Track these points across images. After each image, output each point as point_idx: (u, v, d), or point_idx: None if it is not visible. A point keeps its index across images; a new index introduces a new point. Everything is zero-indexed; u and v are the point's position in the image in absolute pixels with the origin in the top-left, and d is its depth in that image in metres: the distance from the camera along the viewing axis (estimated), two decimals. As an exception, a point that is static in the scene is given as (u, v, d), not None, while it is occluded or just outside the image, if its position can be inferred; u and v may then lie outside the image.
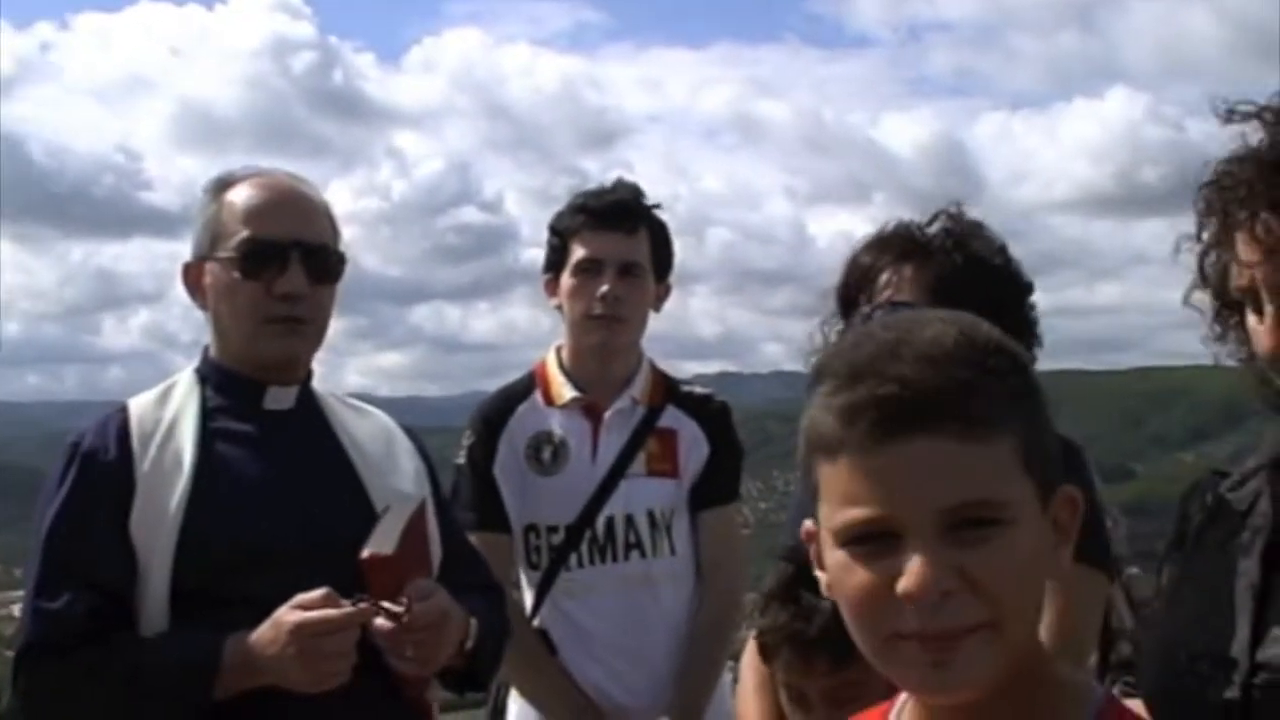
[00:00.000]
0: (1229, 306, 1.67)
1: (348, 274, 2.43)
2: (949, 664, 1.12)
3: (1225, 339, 1.71)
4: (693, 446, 3.15)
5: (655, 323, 3.25)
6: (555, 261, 3.21)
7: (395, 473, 2.45)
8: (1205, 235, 1.66)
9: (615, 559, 3.09)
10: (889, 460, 1.13)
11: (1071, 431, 2.36)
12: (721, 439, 3.18)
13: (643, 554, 3.09)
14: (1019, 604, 1.14)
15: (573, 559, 3.10)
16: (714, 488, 3.17)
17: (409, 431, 2.59)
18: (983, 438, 1.13)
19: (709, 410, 3.18)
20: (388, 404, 2.73)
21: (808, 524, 1.23)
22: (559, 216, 3.22)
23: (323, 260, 2.37)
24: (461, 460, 3.18)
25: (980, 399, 1.14)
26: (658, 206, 3.22)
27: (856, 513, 1.14)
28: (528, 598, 3.16)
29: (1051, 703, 1.19)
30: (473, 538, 2.91)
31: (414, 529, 2.28)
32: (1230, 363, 1.72)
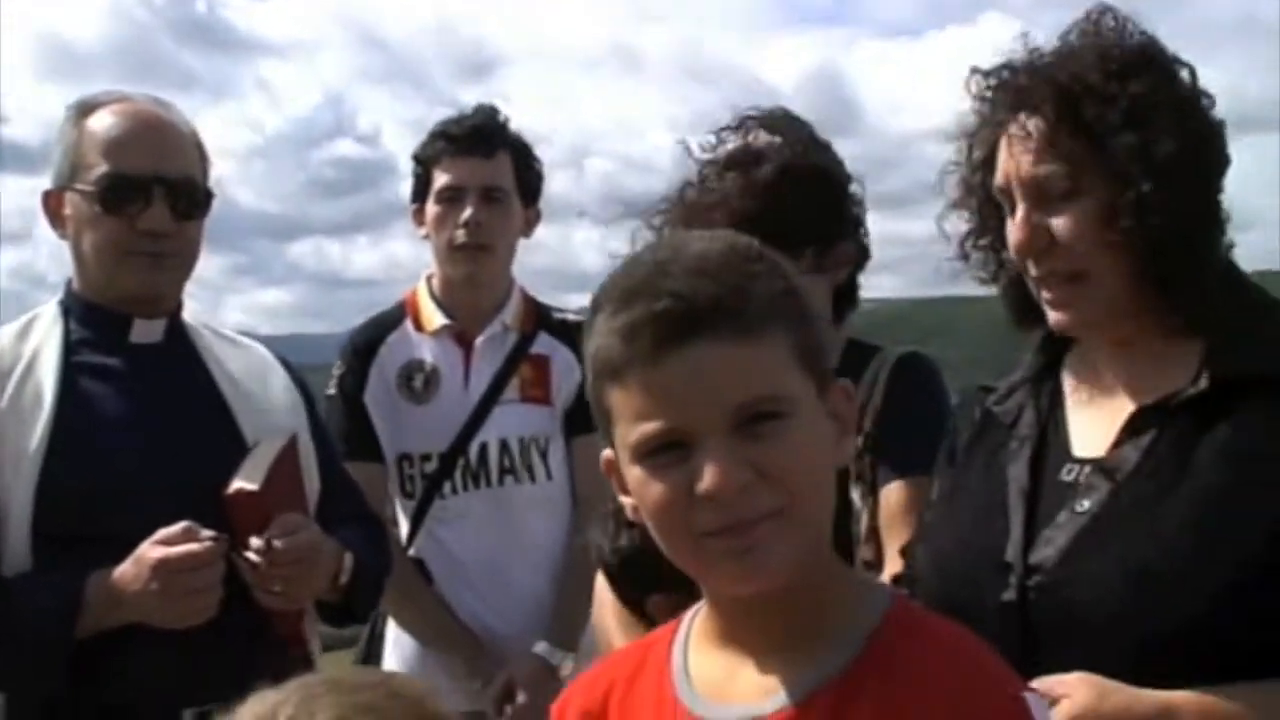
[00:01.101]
0: (985, 225, 1.74)
1: (223, 210, 2.38)
2: (752, 551, 1.18)
3: (971, 259, 1.80)
4: (566, 372, 3.15)
5: (537, 256, 3.25)
6: (420, 190, 3.19)
7: (270, 406, 2.42)
8: (975, 150, 1.74)
9: (489, 485, 3.09)
10: (672, 370, 1.17)
11: (952, 355, 2.42)
12: None
13: (517, 480, 3.10)
14: (808, 490, 1.20)
15: (447, 487, 3.10)
16: (588, 414, 3.18)
17: (286, 364, 2.55)
18: (757, 337, 1.19)
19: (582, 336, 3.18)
20: (270, 342, 2.67)
21: (605, 454, 1.26)
22: (421, 145, 3.20)
23: (188, 196, 2.31)
24: (332, 390, 3.15)
25: (751, 302, 1.19)
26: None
27: (649, 426, 1.19)
28: (403, 527, 3.16)
29: (842, 599, 1.24)
30: (347, 468, 2.91)
31: (284, 464, 2.25)
32: (981, 285, 1.81)
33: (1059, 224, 1.64)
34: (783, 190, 2.21)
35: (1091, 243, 1.63)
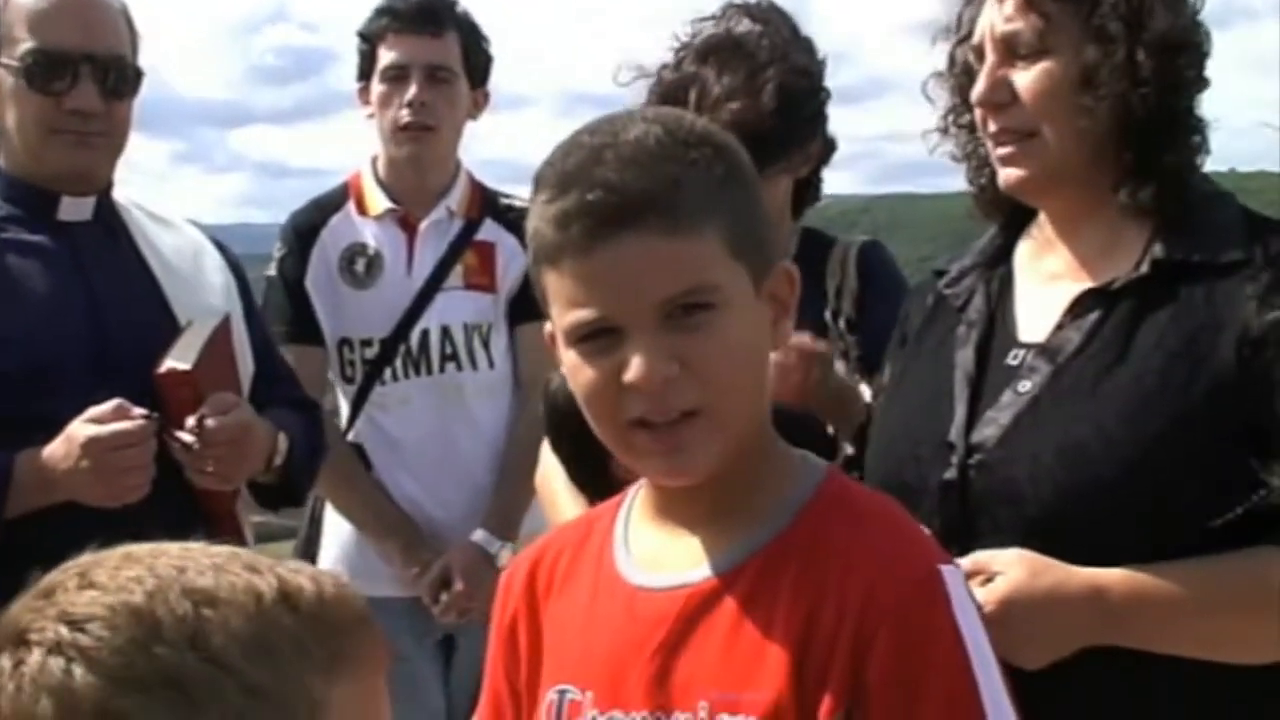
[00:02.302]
0: (967, 101, 1.74)
1: (162, 95, 2.32)
2: (678, 449, 1.22)
3: (949, 133, 1.81)
4: (511, 260, 3.11)
5: (488, 148, 3.22)
6: (365, 68, 3.12)
7: (202, 287, 2.38)
8: (964, 23, 1.75)
9: (431, 372, 3.07)
10: (602, 261, 1.19)
11: (904, 253, 2.43)
12: None
13: (459, 367, 3.07)
14: (736, 382, 1.23)
15: (387, 373, 3.07)
16: (532, 301, 3.14)
17: (219, 245, 2.50)
18: (689, 230, 1.19)
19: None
20: (215, 231, 2.64)
21: (547, 327, 1.28)
22: (367, 21, 3.12)
23: (118, 74, 2.24)
24: (272, 272, 3.11)
25: (684, 193, 1.20)
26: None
27: (580, 314, 1.21)
28: (342, 412, 3.13)
29: (776, 476, 1.28)
30: (285, 351, 2.86)
31: (216, 344, 2.22)
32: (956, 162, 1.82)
33: (1021, 80, 1.65)
34: (767, 96, 2.19)
35: (1051, 102, 1.63)
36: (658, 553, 1.29)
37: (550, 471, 2.26)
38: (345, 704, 0.89)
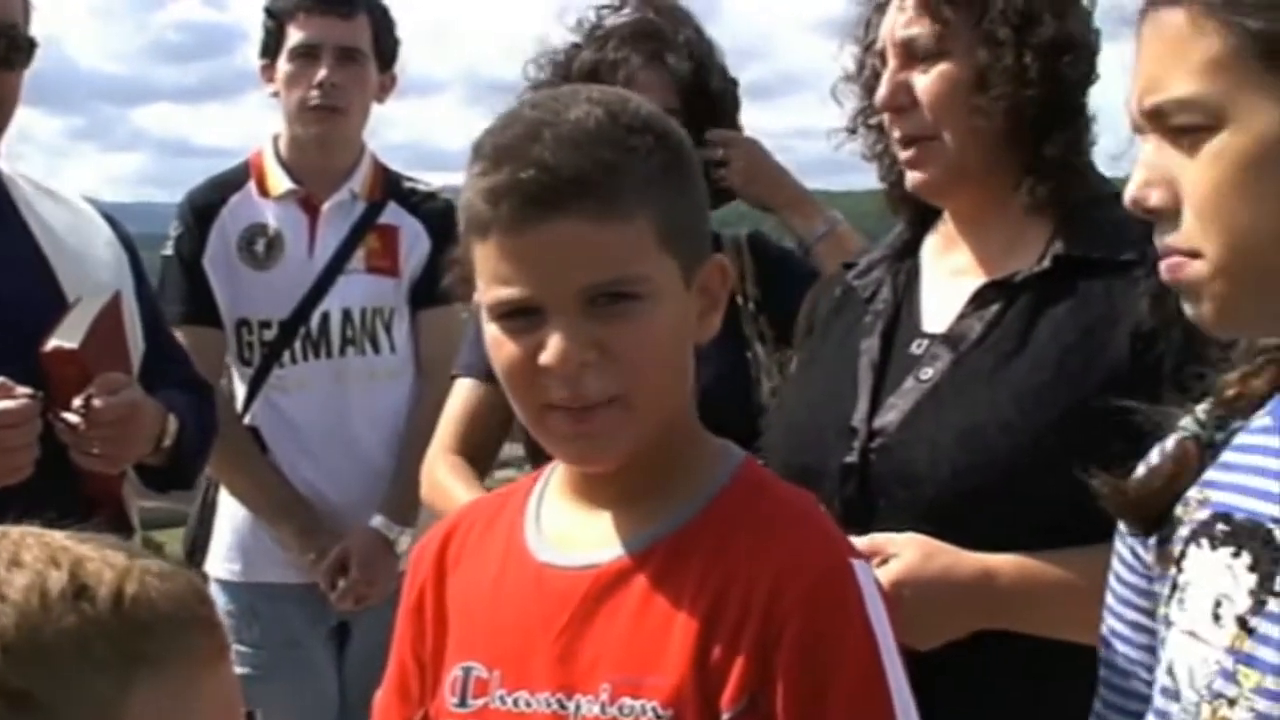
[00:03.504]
0: (873, 104, 1.78)
1: (59, 69, 2.26)
2: (590, 435, 1.21)
3: (858, 133, 1.85)
4: (414, 244, 3.09)
5: (396, 133, 3.16)
6: (271, 46, 3.07)
7: (92, 262, 2.31)
8: (870, 26, 1.79)
9: (331, 355, 3.03)
10: (530, 242, 1.18)
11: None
12: (444, 237, 3.13)
13: (360, 351, 3.04)
14: (655, 374, 1.22)
15: (286, 355, 3.02)
16: (435, 286, 3.13)
17: (110, 220, 2.44)
18: (621, 218, 1.18)
19: (432, 207, 3.11)
20: (115, 210, 2.58)
21: (475, 297, 1.26)
22: None
23: (7, 42, 2.17)
24: (169, 251, 3.05)
25: (619, 180, 1.18)
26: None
27: (504, 292, 1.20)
28: (239, 394, 3.08)
29: (692, 461, 1.28)
30: (181, 332, 2.82)
31: (105, 323, 2.17)
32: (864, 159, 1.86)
33: (920, 83, 1.69)
34: (691, 83, 2.23)
35: (948, 105, 1.67)
36: (569, 532, 1.29)
37: (434, 460, 2.25)
38: (148, 706, 0.83)
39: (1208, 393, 1.21)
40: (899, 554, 1.54)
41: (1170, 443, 1.22)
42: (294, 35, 3.02)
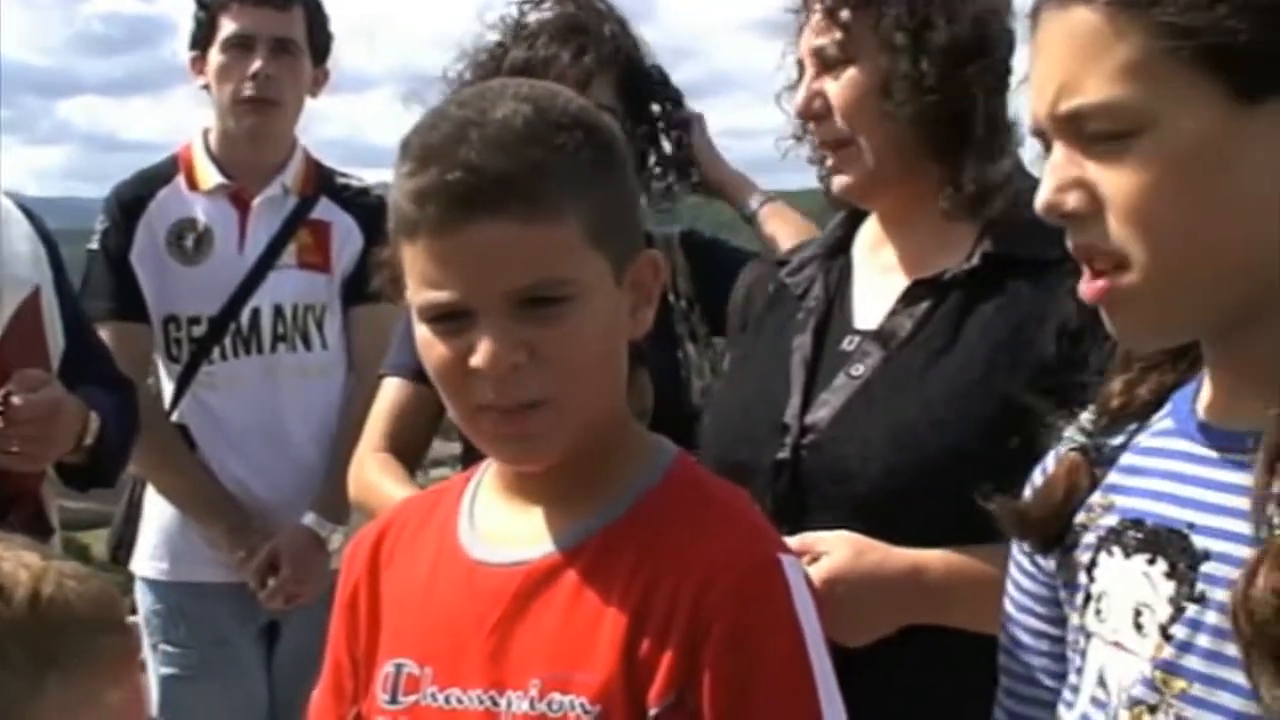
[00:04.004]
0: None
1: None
2: (522, 436, 1.21)
3: (803, 140, 1.86)
4: (346, 240, 3.06)
5: (329, 128, 3.14)
6: (202, 37, 3.03)
7: (8, 257, 2.27)
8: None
9: (261, 352, 3.00)
10: (457, 244, 1.17)
11: (751, 247, 2.44)
12: (377, 233, 3.10)
13: (291, 348, 3.01)
14: (586, 374, 1.21)
15: (215, 352, 2.99)
16: (367, 283, 3.10)
17: (28, 213, 2.40)
18: (549, 219, 1.17)
19: (365, 203, 3.09)
20: (40, 204, 2.54)
21: (407, 295, 1.25)
22: None
23: None
24: (95, 246, 3.00)
25: (546, 179, 1.17)
26: None
27: (432, 295, 1.19)
28: (167, 392, 3.04)
29: (625, 458, 1.28)
30: (107, 328, 2.78)
31: (23, 318, 2.14)
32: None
33: (832, 90, 1.72)
34: (623, 77, 2.23)
35: (856, 111, 1.70)
36: (502, 529, 1.28)
37: (363, 458, 2.23)
38: (60, 707, 0.83)
39: (1088, 401, 1.22)
40: (829, 552, 1.55)
41: (1055, 457, 1.22)
42: (227, 26, 2.98)
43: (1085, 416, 1.21)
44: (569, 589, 1.22)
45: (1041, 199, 1.05)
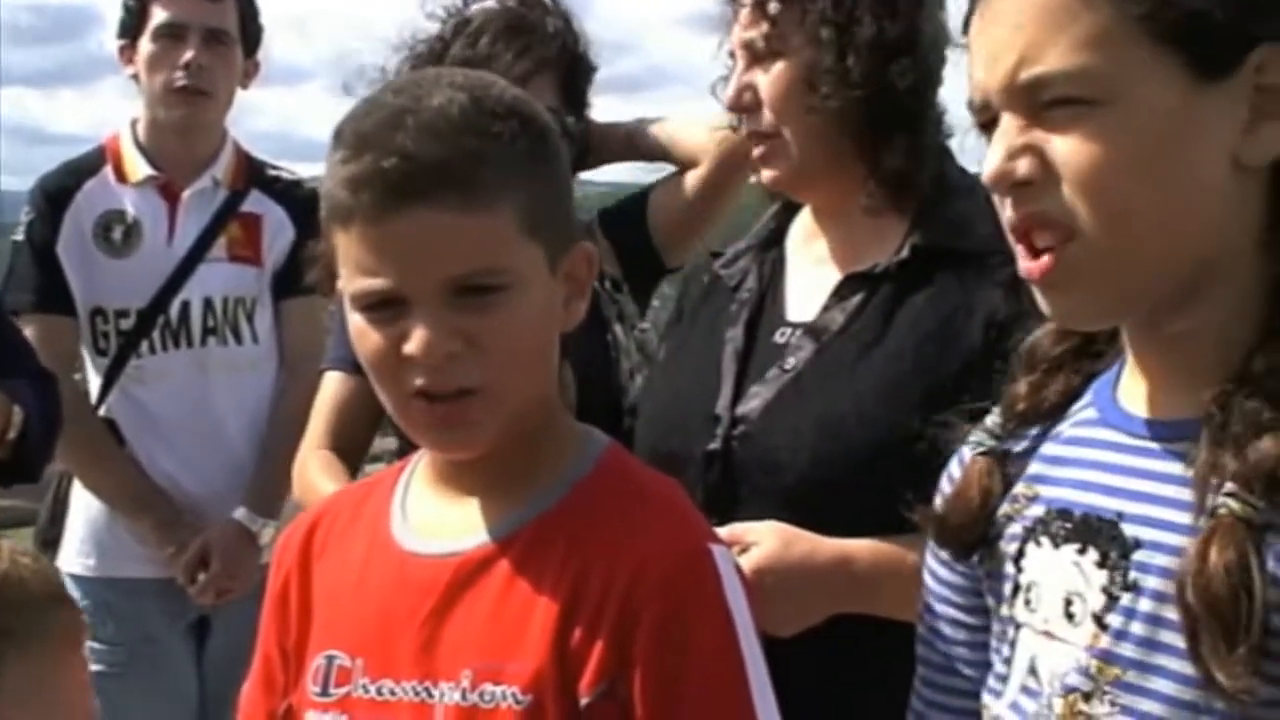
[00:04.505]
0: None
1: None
2: (455, 424, 1.21)
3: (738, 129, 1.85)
4: (277, 232, 3.04)
5: (260, 121, 3.12)
6: (132, 26, 3.00)
7: None
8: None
9: (191, 345, 2.96)
10: (392, 232, 1.16)
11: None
12: (309, 226, 3.08)
13: (222, 341, 2.98)
14: (520, 363, 1.22)
15: (144, 345, 2.95)
16: (299, 276, 3.08)
17: None
18: (484, 207, 1.17)
19: (296, 195, 3.06)
20: (-36, 197, 2.48)
21: (340, 284, 1.25)
22: None
23: None
24: (19, 238, 2.95)
25: (482, 168, 1.17)
26: None
27: (367, 283, 1.19)
28: (94, 385, 3.00)
29: (556, 448, 1.28)
30: (31, 321, 2.75)
31: None
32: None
33: (761, 83, 1.74)
34: (566, 75, 2.23)
35: (783, 103, 1.72)
36: (434, 520, 1.28)
37: (306, 457, 2.22)
38: (18, 681, 0.84)
39: (992, 403, 1.23)
40: (759, 542, 1.56)
41: (964, 460, 1.23)
42: (159, 14, 2.95)
43: (991, 419, 1.22)
44: (501, 580, 1.22)
45: (991, 168, 1.05)
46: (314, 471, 2.18)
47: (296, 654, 1.32)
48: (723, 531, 1.47)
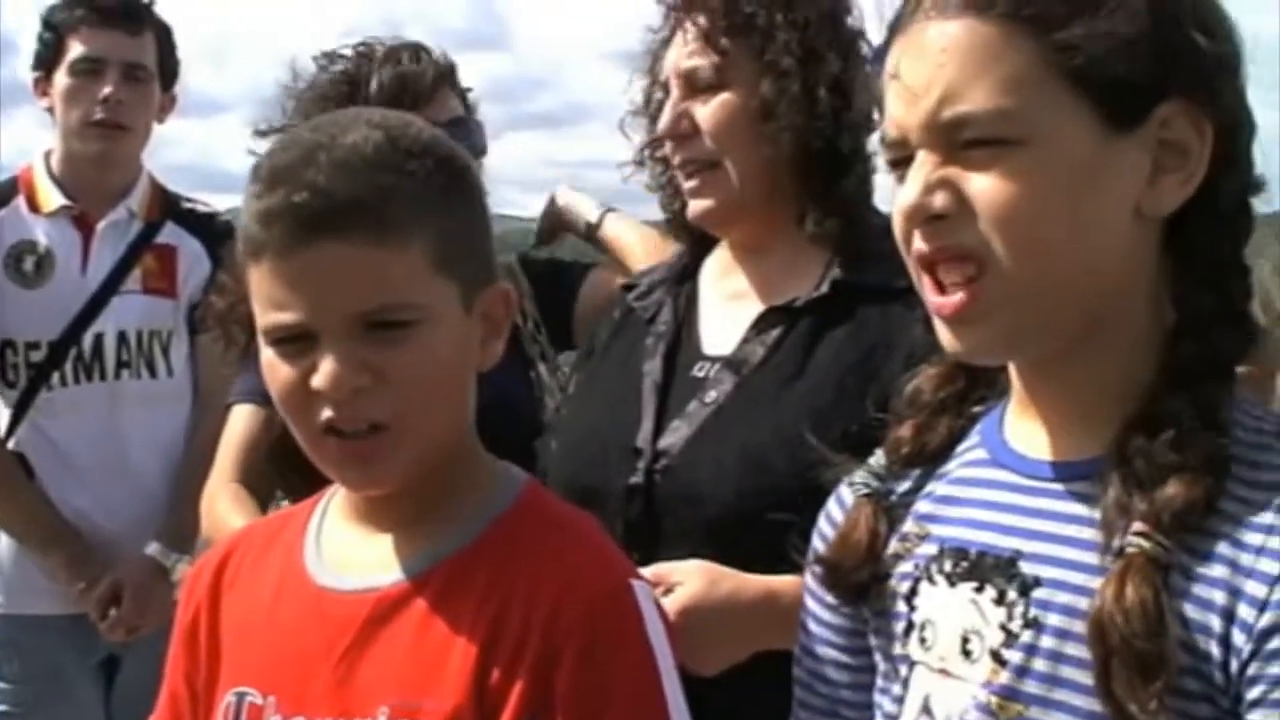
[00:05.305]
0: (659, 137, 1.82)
1: None
2: (365, 460, 1.21)
3: (645, 165, 1.90)
4: (193, 265, 3.02)
5: (177, 153, 3.10)
6: (48, 58, 2.97)
7: None
8: (656, 60, 1.84)
9: (105, 378, 2.93)
10: (302, 266, 1.17)
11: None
12: (225, 258, 3.07)
13: (135, 374, 2.95)
14: (430, 399, 1.22)
15: (55, 378, 2.91)
16: None
17: None
18: (395, 242, 1.18)
19: (213, 229, 3.05)
20: None
21: (258, 317, 1.24)
22: (53, 9, 2.98)
23: None
24: None
25: (394, 204, 1.18)
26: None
27: (277, 317, 1.19)
28: (2, 418, 2.95)
29: (473, 483, 1.28)
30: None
31: None
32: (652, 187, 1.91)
33: (702, 113, 1.74)
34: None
35: (728, 134, 1.73)
36: (349, 554, 1.27)
37: (215, 491, 2.19)
38: None
39: (873, 444, 1.25)
40: (683, 582, 1.55)
41: (844, 501, 1.25)
42: (76, 48, 2.93)
43: (874, 460, 1.24)
44: (419, 616, 1.21)
45: (908, 201, 1.07)
46: (223, 506, 2.15)
47: (206, 691, 1.30)
48: (647, 572, 1.46)
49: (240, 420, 2.23)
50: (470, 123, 2.29)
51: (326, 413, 1.19)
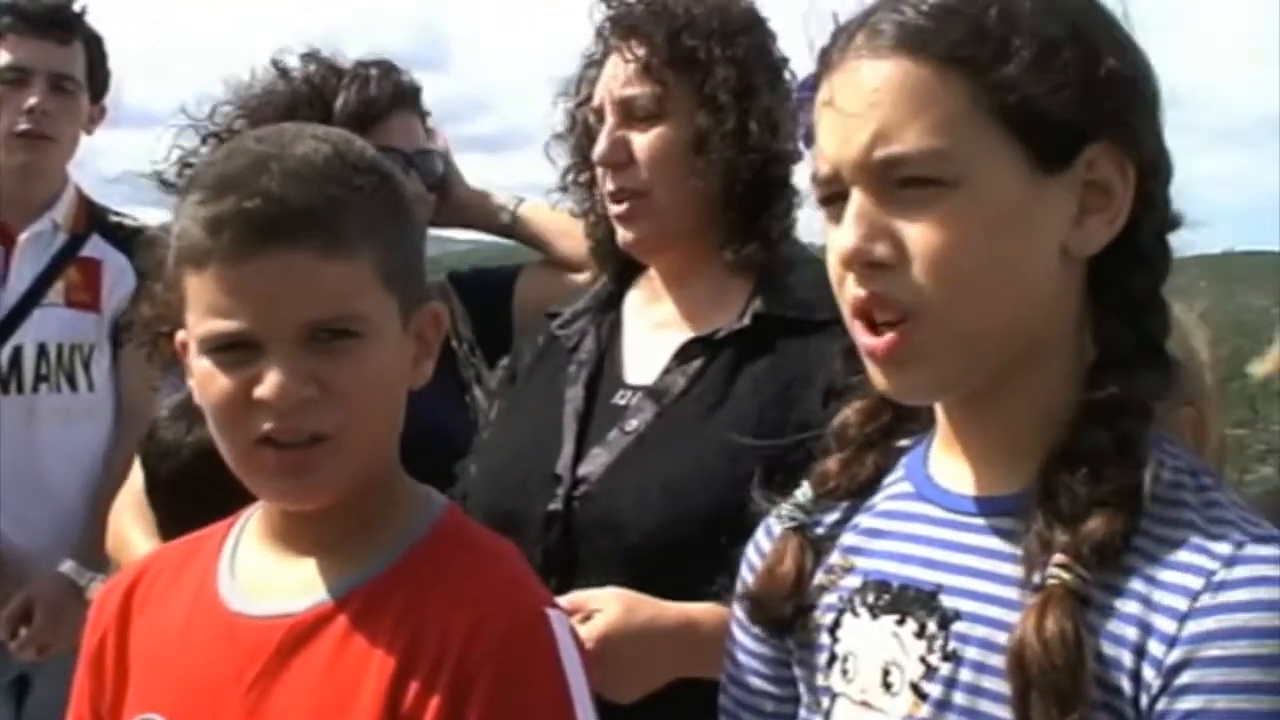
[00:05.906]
0: (586, 159, 1.84)
1: None
2: (303, 471, 1.19)
3: (569, 191, 1.91)
4: (118, 278, 2.97)
5: (110, 164, 3.04)
6: None
7: None
8: (584, 84, 1.85)
9: (23, 391, 2.88)
10: (251, 273, 1.16)
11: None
12: (147, 268, 3.02)
13: (55, 389, 2.90)
14: (370, 414, 1.21)
15: None
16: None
17: None
18: (344, 254, 1.17)
19: (139, 242, 3.00)
20: None
21: (180, 335, 1.23)
22: None
23: None
24: None
25: (344, 216, 1.18)
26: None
27: (220, 324, 1.17)
28: (-85, 431, 2.89)
29: (394, 508, 1.27)
30: None
31: None
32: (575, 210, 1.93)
33: (639, 142, 1.76)
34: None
35: (663, 164, 1.74)
36: (264, 579, 1.26)
37: (121, 508, 2.15)
38: None
39: (792, 474, 1.26)
40: (601, 609, 1.55)
41: (771, 533, 1.26)
42: (2, 57, 2.89)
43: (801, 493, 1.24)
44: (333, 643, 1.20)
45: (848, 245, 1.07)
46: (125, 522, 2.12)
47: (111, 717, 1.28)
48: (565, 600, 1.46)
49: None
50: (434, 155, 2.30)
51: (267, 424, 1.17)
